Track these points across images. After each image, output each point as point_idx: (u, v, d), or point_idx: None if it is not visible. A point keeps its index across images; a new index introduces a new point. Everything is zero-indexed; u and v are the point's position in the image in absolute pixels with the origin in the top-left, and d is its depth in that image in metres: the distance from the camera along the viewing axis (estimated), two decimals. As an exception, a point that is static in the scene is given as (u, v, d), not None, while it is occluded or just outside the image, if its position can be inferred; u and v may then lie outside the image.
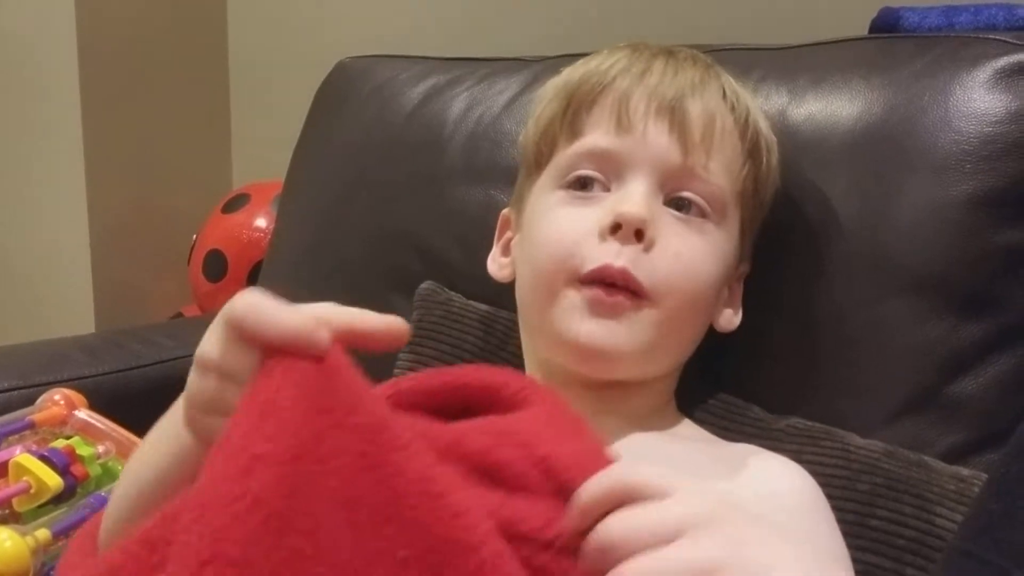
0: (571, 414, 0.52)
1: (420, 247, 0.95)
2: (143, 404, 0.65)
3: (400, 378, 0.55)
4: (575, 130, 0.70)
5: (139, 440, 0.72)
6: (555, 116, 0.72)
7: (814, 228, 0.76)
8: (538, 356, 0.73)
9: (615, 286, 0.65)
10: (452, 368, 0.55)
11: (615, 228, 0.65)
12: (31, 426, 0.73)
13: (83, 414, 0.75)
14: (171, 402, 0.52)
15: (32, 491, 0.67)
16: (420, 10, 1.41)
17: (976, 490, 0.65)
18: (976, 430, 0.71)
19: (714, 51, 0.81)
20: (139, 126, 1.55)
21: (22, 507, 0.67)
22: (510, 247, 0.77)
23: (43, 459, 0.68)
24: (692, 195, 0.68)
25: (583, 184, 0.69)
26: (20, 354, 1.02)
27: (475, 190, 0.94)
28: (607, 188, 0.69)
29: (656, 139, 0.68)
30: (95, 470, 0.71)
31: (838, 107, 0.78)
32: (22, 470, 0.67)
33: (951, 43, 0.78)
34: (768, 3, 1.11)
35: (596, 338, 0.65)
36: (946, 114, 0.73)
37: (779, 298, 0.77)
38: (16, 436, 0.73)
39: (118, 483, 0.57)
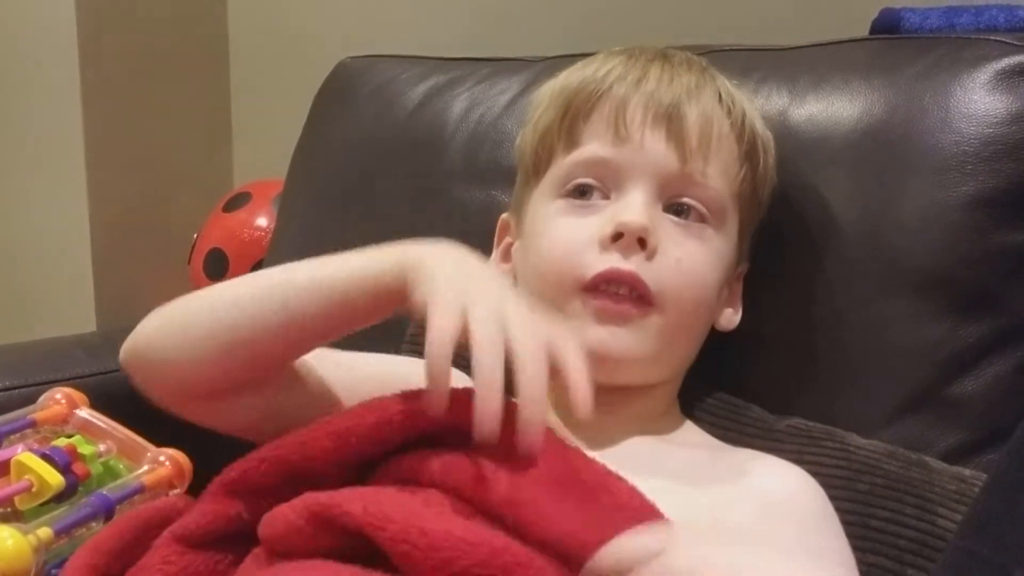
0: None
1: (421, 247, 0.95)
2: (145, 403, 0.65)
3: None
4: (573, 139, 0.70)
5: (140, 438, 0.73)
6: (552, 124, 0.72)
7: (815, 229, 0.77)
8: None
9: (620, 294, 0.65)
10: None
11: (616, 237, 0.65)
12: (32, 424, 0.73)
13: (84, 413, 0.75)
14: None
15: (34, 489, 0.67)
16: (421, 10, 1.41)
17: (977, 491, 0.65)
18: (977, 430, 0.71)
19: (715, 52, 0.81)
20: (140, 124, 1.55)
21: (24, 505, 0.67)
22: (510, 252, 0.77)
23: (45, 457, 0.68)
24: (691, 201, 0.68)
25: (582, 192, 0.69)
26: (21, 352, 1.02)
27: (476, 190, 0.94)
28: (606, 196, 0.69)
29: (654, 147, 0.68)
30: (96, 468, 0.71)
31: (839, 108, 0.78)
32: (24, 468, 0.67)
33: (952, 44, 0.78)
34: (769, 4, 1.11)
35: (604, 344, 0.65)
36: (947, 115, 0.74)
37: (781, 298, 0.77)
38: (17, 435, 0.72)
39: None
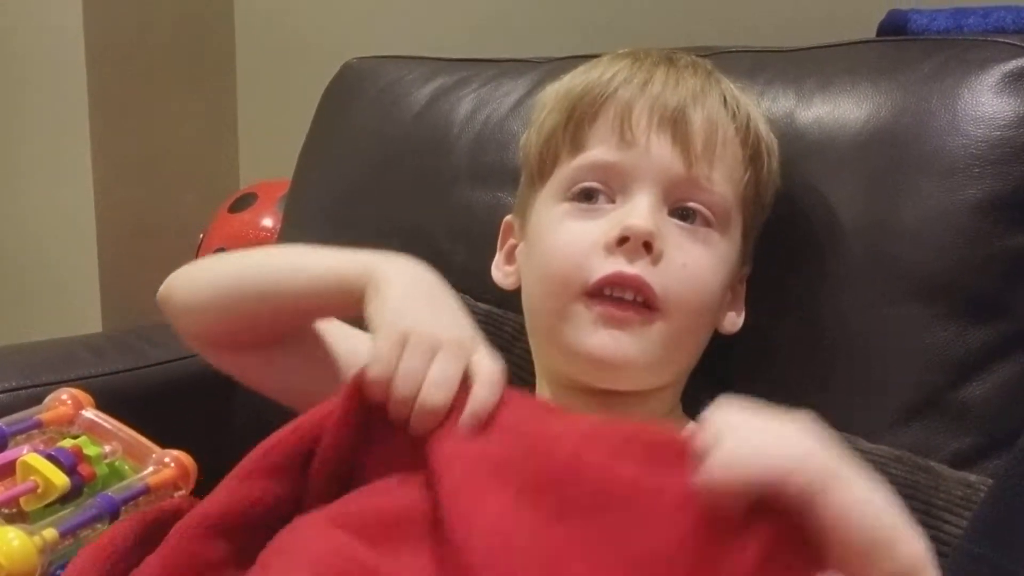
0: None
1: (427, 248, 0.94)
2: (150, 404, 0.66)
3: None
4: (578, 143, 0.70)
5: (145, 440, 0.73)
6: (557, 127, 0.72)
7: (821, 231, 0.76)
8: (544, 362, 0.73)
9: (624, 300, 0.65)
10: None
11: (622, 241, 0.65)
12: (38, 425, 0.73)
13: (90, 414, 0.75)
14: (176, 402, 0.52)
15: (39, 490, 0.67)
16: (427, 11, 1.41)
17: (983, 495, 0.65)
18: (983, 435, 0.71)
19: (721, 53, 0.81)
20: (146, 125, 1.55)
21: (29, 506, 0.67)
22: (514, 254, 0.77)
23: (50, 458, 0.68)
24: (696, 205, 0.68)
25: (587, 196, 0.69)
26: (27, 353, 1.02)
27: (482, 191, 0.94)
28: (612, 200, 0.69)
29: (659, 152, 0.68)
30: (102, 470, 0.71)
31: (846, 110, 0.78)
32: (29, 469, 0.67)
33: (959, 46, 0.78)
34: (776, 5, 1.11)
35: (608, 349, 0.65)
36: (954, 118, 0.73)
37: (786, 301, 0.77)
38: (23, 435, 0.72)
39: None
